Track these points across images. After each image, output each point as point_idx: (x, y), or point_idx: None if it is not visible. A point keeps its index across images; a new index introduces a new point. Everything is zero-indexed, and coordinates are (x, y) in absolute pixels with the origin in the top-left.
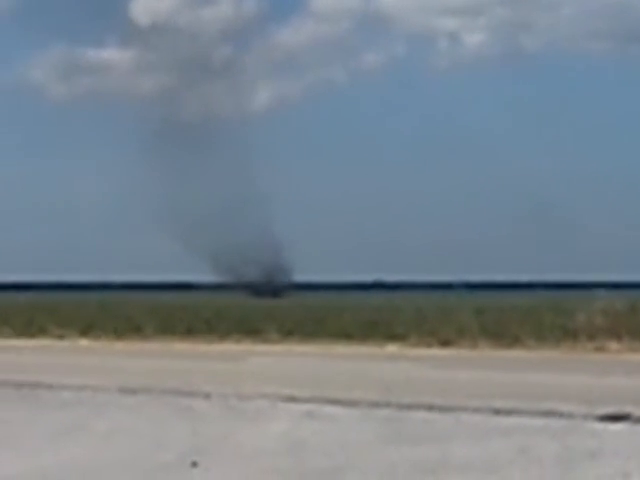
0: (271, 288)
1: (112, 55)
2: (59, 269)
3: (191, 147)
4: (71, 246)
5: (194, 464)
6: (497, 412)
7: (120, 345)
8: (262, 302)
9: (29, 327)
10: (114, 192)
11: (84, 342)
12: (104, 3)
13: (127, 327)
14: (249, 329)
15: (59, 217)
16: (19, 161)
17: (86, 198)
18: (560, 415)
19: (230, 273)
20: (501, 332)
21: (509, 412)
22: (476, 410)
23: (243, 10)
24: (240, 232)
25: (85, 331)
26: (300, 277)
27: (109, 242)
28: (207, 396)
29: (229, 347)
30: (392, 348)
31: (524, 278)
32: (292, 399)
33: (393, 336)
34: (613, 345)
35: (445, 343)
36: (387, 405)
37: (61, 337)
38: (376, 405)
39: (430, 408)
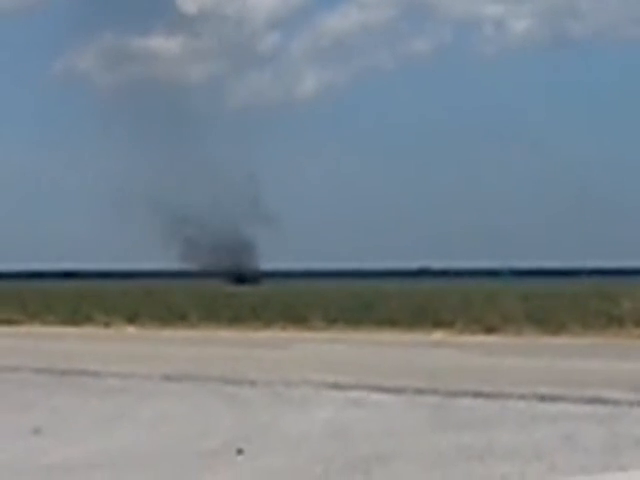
0: (246, 275)
1: (159, 43)
2: (104, 258)
3: (235, 134)
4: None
5: (240, 451)
6: (543, 399)
7: (165, 333)
8: (243, 289)
9: (75, 315)
10: (144, 179)
11: (130, 330)
12: None
13: (172, 315)
14: (294, 316)
15: (105, 206)
16: (66, 150)
17: (129, 185)
18: (606, 402)
19: (205, 260)
20: (546, 319)
21: (555, 399)
22: (522, 397)
23: None
24: (225, 220)
25: (131, 319)
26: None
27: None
28: (253, 383)
29: (274, 334)
30: (438, 335)
31: (569, 265)
32: (337, 386)
33: (439, 323)
34: None
35: (491, 330)
36: (433, 392)
37: (107, 325)
38: (422, 392)
39: (476, 395)
